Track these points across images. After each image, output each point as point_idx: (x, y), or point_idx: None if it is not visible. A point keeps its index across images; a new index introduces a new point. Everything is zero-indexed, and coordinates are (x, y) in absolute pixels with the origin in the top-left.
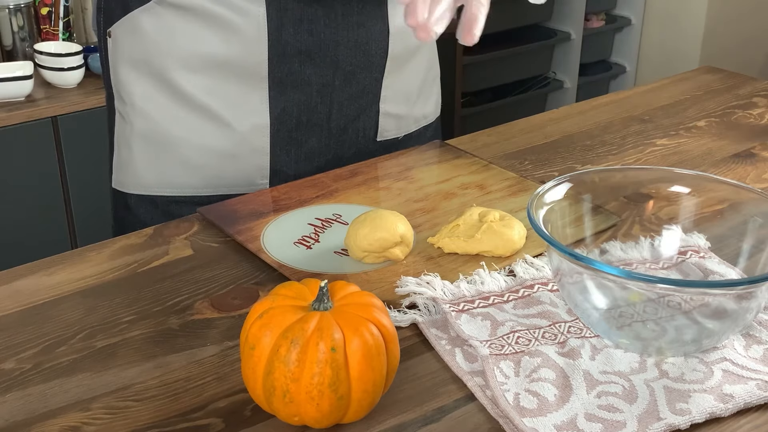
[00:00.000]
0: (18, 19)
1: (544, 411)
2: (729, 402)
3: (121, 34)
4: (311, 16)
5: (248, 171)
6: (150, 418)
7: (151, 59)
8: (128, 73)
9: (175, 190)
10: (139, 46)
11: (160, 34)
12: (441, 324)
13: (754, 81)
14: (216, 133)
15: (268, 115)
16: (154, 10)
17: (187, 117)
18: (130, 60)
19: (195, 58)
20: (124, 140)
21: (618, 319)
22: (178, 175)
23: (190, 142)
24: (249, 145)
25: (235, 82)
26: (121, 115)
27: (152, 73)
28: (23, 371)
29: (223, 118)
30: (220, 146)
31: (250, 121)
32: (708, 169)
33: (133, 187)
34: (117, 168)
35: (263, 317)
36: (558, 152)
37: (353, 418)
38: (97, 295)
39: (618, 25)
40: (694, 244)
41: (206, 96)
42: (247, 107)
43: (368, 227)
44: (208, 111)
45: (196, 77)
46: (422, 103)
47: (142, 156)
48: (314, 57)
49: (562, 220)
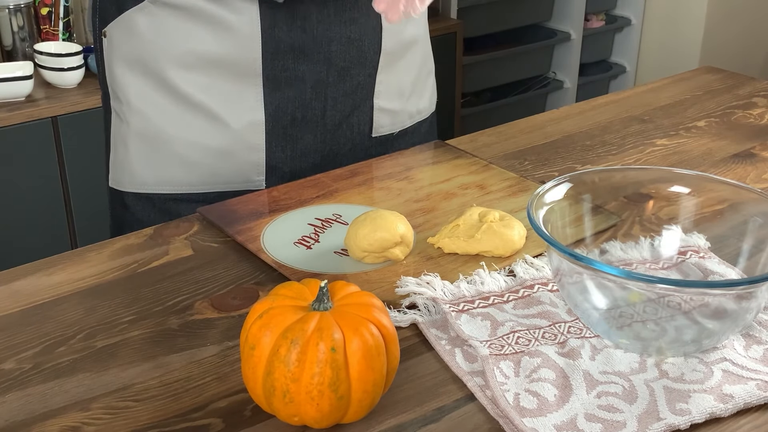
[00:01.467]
0: (18, 19)
1: (544, 411)
2: (729, 402)
3: (116, 33)
4: (304, 13)
5: (244, 168)
6: (150, 418)
7: (146, 58)
8: (123, 72)
9: (172, 187)
10: (134, 45)
11: (154, 33)
12: (441, 324)
13: (754, 81)
14: (211, 131)
15: (263, 112)
16: (149, 9)
17: (182, 115)
18: (125, 59)
19: (189, 57)
20: (120, 139)
21: (618, 319)
22: (174, 173)
23: (185, 140)
24: (244, 142)
25: (230, 80)
26: (117, 114)
27: (147, 72)
28: (23, 371)
29: (219, 116)
30: (216, 144)
31: (245, 119)
32: (708, 169)
33: (130, 185)
34: (113, 166)
35: (263, 317)
36: (558, 152)
37: (353, 418)
38: (97, 295)
39: (618, 25)
40: (694, 244)
41: (201, 94)
42: (242, 104)
43: (368, 227)
44: (204, 109)
45: (191, 75)
46: (416, 98)
47: (138, 154)
48: (308, 54)
49: (562, 220)
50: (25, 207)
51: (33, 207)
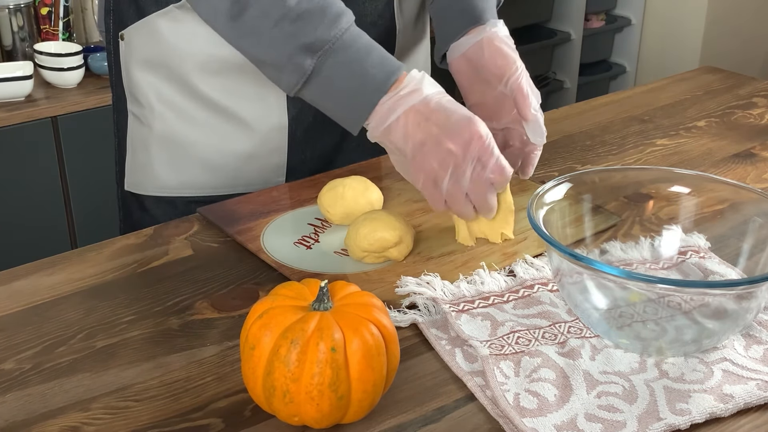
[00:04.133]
0: (18, 19)
1: (544, 411)
2: (729, 402)
3: (135, 37)
4: None
5: (266, 170)
6: (150, 418)
7: (168, 62)
8: (144, 75)
9: (194, 190)
10: (157, 49)
11: (178, 37)
12: (441, 324)
13: (754, 81)
14: (236, 135)
15: (287, 116)
16: (173, 14)
17: (206, 119)
18: (146, 63)
19: (213, 61)
20: (140, 142)
21: (618, 319)
22: (197, 176)
23: (209, 144)
24: (268, 145)
25: (253, 84)
26: (136, 118)
27: (170, 76)
28: (23, 371)
29: (243, 120)
30: (240, 148)
31: (269, 122)
32: (708, 169)
33: (152, 188)
34: (132, 170)
35: (263, 317)
36: (558, 152)
37: (353, 418)
38: (97, 295)
39: (618, 25)
40: (694, 244)
41: (226, 98)
42: (266, 109)
43: (368, 227)
44: (228, 113)
45: (215, 80)
46: None
47: (160, 158)
48: None
49: (562, 220)
50: (25, 207)
51: (33, 207)
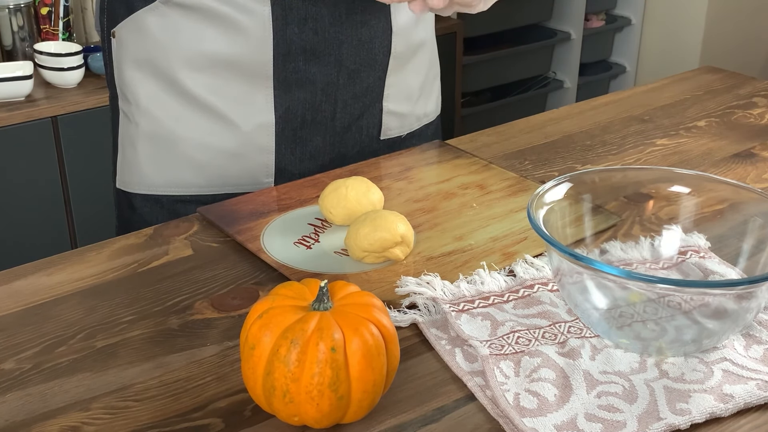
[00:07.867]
0: (18, 19)
1: (544, 411)
2: (729, 402)
3: (125, 34)
4: (315, 14)
5: (253, 170)
6: (150, 418)
7: (156, 59)
8: (133, 73)
9: (180, 189)
10: (144, 45)
11: (165, 33)
12: (441, 324)
13: (754, 81)
14: (221, 133)
15: (273, 114)
16: (160, 9)
17: (192, 116)
18: (135, 60)
19: (200, 58)
20: (128, 140)
21: (618, 319)
22: (183, 175)
23: (195, 142)
24: (254, 144)
25: (241, 82)
26: (125, 115)
27: (157, 73)
28: (23, 371)
29: (229, 118)
30: (226, 145)
31: (255, 120)
32: (708, 169)
33: (138, 186)
34: (121, 168)
35: (263, 317)
36: (558, 152)
37: (353, 418)
38: (97, 295)
39: (618, 25)
40: (694, 244)
41: (211, 95)
42: (252, 106)
43: (368, 227)
44: (214, 110)
45: (202, 77)
46: (424, 101)
47: (146, 156)
48: (319, 55)
49: (562, 220)
50: (25, 207)
51: (33, 207)
